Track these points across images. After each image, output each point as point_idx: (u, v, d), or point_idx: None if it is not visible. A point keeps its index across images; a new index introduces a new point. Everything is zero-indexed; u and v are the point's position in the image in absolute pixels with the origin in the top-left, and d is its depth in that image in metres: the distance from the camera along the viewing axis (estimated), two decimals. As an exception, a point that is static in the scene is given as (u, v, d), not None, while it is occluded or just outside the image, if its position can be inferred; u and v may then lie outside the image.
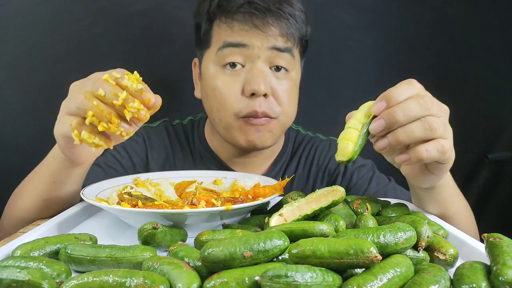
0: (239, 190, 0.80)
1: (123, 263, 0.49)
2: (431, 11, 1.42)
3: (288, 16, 0.91)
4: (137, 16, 1.32)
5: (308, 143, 1.12)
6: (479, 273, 0.43)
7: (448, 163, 0.63)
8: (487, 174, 1.53)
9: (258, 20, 0.89)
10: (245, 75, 0.91)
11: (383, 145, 0.58)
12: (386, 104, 0.57)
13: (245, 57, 0.91)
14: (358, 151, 0.58)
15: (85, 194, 0.69)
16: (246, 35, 0.89)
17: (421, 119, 0.56)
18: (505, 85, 1.48)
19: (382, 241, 0.47)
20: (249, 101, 0.90)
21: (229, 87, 0.91)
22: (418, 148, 0.57)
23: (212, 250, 0.43)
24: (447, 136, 0.59)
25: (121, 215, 0.67)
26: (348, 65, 1.40)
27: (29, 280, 0.41)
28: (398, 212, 0.70)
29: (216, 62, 0.93)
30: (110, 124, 0.58)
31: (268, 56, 0.91)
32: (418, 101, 0.57)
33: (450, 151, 0.60)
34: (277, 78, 0.93)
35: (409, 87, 0.59)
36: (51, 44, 1.29)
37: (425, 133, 0.56)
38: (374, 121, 0.58)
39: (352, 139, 0.58)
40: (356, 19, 1.39)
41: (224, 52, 0.91)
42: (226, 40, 0.91)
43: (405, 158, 0.58)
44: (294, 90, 0.97)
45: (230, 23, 0.91)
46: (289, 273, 0.38)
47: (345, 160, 0.59)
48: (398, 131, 0.56)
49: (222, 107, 0.93)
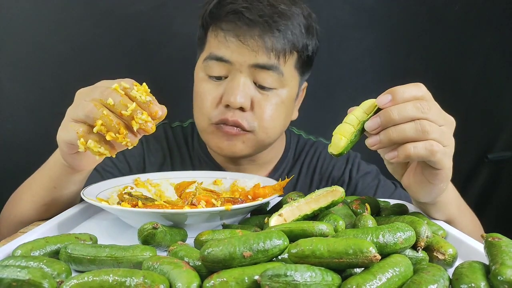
0: (239, 191, 0.80)
1: (123, 263, 0.50)
2: (429, 11, 1.42)
3: (275, 30, 0.86)
4: (138, 17, 1.32)
5: (311, 148, 1.10)
6: (478, 273, 0.43)
7: (443, 170, 0.61)
8: (487, 174, 1.53)
9: (242, 31, 0.86)
10: (225, 86, 0.90)
11: (374, 141, 0.58)
12: (391, 97, 0.58)
13: (227, 70, 0.90)
14: (349, 147, 0.60)
15: (85, 194, 0.69)
16: (230, 48, 0.87)
17: (415, 121, 0.57)
18: (504, 85, 1.48)
19: (381, 241, 0.47)
20: (224, 110, 0.90)
21: (209, 94, 0.91)
22: (406, 145, 0.57)
23: (212, 249, 0.43)
24: (445, 144, 0.59)
25: (121, 215, 0.67)
26: (347, 65, 1.40)
27: (30, 280, 0.41)
28: (398, 213, 0.70)
29: (203, 69, 0.93)
30: (118, 134, 0.59)
31: (251, 72, 0.88)
32: (415, 104, 0.57)
33: (443, 157, 0.59)
34: (262, 94, 0.90)
35: (416, 88, 0.59)
36: (53, 45, 1.30)
37: (417, 134, 0.56)
38: (370, 119, 0.59)
39: (345, 135, 0.59)
40: (355, 19, 1.39)
41: (209, 64, 0.91)
42: (212, 52, 0.90)
43: (393, 155, 0.58)
44: (279, 107, 0.92)
45: (216, 32, 0.90)
46: (288, 273, 0.39)
47: (336, 154, 0.60)
48: (390, 129, 0.57)
49: (199, 111, 0.94)
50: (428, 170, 0.62)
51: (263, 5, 0.86)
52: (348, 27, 1.40)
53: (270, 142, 0.98)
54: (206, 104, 0.91)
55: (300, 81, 0.97)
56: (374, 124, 0.58)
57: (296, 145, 1.11)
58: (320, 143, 1.11)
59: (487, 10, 1.43)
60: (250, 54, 0.86)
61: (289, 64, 0.91)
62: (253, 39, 0.86)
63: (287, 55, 0.89)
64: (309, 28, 0.92)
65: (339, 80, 1.41)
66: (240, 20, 0.86)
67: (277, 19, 0.86)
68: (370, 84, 1.42)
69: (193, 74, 1.07)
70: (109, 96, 0.59)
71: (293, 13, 0.89)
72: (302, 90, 1.03)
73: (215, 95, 0.90)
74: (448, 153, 0.60)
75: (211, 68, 0.90)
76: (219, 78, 0.91)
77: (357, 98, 0.68)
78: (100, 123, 0.58)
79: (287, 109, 0.95)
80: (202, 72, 0.93)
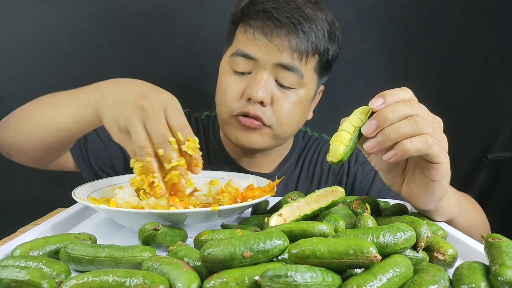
0: (229, 191, 0.80)
1: (122, 264, 0.49)
2: (430, 11, 1.42)
3: (300, 32, 0.90)
4: (139, 16, 1.32)
5: (313, 144, 1.14)
6: (478, 273, 0.43)
7: (442, 164, 0.61)
8: (486, 174, 1.53)
9: (269, 30, 0.90)
10: (248, 80, 0.94)
11: (372, 144, 0.59)
12: (383, 100, 0.60)
13: (252, 66, 0.94)
14: (348, 153, 0.60)
15: (76, 194, 0.69)
16: (256, 45, 0.91)
17: (408, 118, 0.59)
18: (504, 84, 1.48)
19: (381, 241, 0.47)
20: (245, 104, 0.93)
21: (232, 88, 0.95)
22: (403, 141, 0.59)
23: (212, 250, 0.43)
24: (439, 139, 0.61)
25: (113, 215, 0.67)
26: (348, 65, 1.40)
27: (29, 280, 0.41)
28: (398, 213, 0.70)
29: (228, 63, 0.97)
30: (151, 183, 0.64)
31: (273, 70, 0.92)
32: (406, 103, 0.60)
33: (440, 150, 0.60)
34: (282, 91, 0.94)
35: (403, 91, 0.62)
36: (53, 45, 1.30)
37: (412, 129, 0.58)
38: (366, 123, 0.60)
39: (343, 142, 0.59)
40: (356, 19, 1.39)
41: (235, 59, 0.94)
42: (239, 49, 0.94)
43: (391, 154, 0.59)
44: (297, 106, 0.96)
45: (245, 28, 0.94)
46: (288, 273, 0.38)
47: (335, 162, 0.60)
48: (386, 128, 0.58)
49: (221, 103, 0.97)
50: (428, 168, 0.62)
51: (291, 8, 0.91)
52: (348, 27, 1.39)
53: (286, 138, 1.02)
54: (229, 96, 0.95)
55: (317, 83, 1.02)
56: (371, 127, 0.59)
57: (302, 141, 1.15)
58: (322, 139, 1.15)
59: (487, 10, 1.43)
60: (276, 53, 0.91)
61: (309, 66, 0.95)
62: (279, 38, 0.90)
63: (309, 57, 0.93)
64: (331, 34, 0.97)
65: (340, 80, 1.41)
66: (268, 19, 0.90)
67: (302, 22, 0.91)
68: (371, 84, 1.42)
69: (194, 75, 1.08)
70: (162, 147, 0.63)
71: (318, 18, 0.93)
72: (318, 93, 1.07)
73: (238, 88, 0.94)
74: (443, 147, 0.62)
75: (237, 63, 0.94)
76: (243, 73, 0.95)
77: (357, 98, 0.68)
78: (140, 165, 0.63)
79: (304, 108, 0.99)
80: (227, 66, 0.97)
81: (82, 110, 0.76)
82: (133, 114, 0.65)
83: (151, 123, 0.64)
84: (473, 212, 0.87)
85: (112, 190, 0.78)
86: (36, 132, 0.84)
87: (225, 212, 0.65)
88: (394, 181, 0.70)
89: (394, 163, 0.67)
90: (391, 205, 0.75)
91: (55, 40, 1.29)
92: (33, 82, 1.30)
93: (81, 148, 1.02)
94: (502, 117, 1.50)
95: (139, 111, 0.65)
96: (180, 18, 1.32)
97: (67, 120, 0.78)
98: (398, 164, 0.68)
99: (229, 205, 0.65)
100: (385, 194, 1.02)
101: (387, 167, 0.69)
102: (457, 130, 1.58)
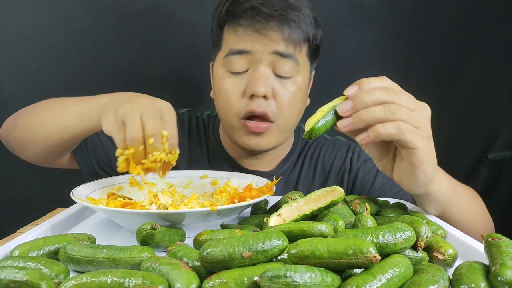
0: (228, 191, 0.80)
1: (121, 264, 0.49)
2: (429, 10, 1.42)
3: (291, 22, 0.92)
4: (138, 15, 1.32)
5: (314, 142, 1.14)
6: (478, 273, 0.43)
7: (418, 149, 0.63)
8: (486, 174, 1.53)
9: (261, 25, 0.91)
10: (247, 78, 0.94)
11: (346, 123, 0.62)
12: (358, 87, 0.63)
13: (249, 62, 0.93)
14: (321, 128, 0.63)
15: (75, 194, 0.69)
16: (250, 40, 0.92)
17: (383, 104, 0.61)
18: (503, 83, 1.48)
19: (381, 241, 0.47)
20: (249, 102, 0.93)
21: (232, 89, 0.95)
22: (376, 125, 0.62)
23: (211, 250, 0.43)
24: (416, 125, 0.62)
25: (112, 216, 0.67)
26: (346, 63, 1.40)
27: (28, 281, 0.41)
28: (397, 212, 0.70)
29: (223, 66, 0.96)
30: None
31: (271, 60, 0.93)
32: (383, 90, 0.63)
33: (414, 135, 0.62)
34: (280, 82, 0.95)
35: (380, 80, 0.65)
36: (53, 44, 1.30)
37: (385, 115, 0.61)
38: (342, 102, 0.63)
39: (315, 117, 0.63)
40: (354, 18, 1.39)
41: (230, 59, 0.94)
42: (232, 47, 0.94)
43: (364, 136, 0.63)
44: (297, 95, 0.97)
45: (235, 28, 0.94)
46: (288, 274, 0.38)
47: (306, 132, 0.63)
48: (361, 111, 0.62)
49: (226, 107, 0.97)
50: (404, 152, 0.65)
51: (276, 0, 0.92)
52: (347, 26, 1.40)
53: (290, 130, 1.03)
54: (232, 98, 0.95)
55: (310, 69, 1.03)
56: (347, 106, 0.62)
57: (302, 139, 1.15)
58: (322, 137, 1.15)
59: (486, 9, 1.43)
60: (270, 43, 0.91)
61: (302, 53, 0.97)
62: (272, 30, 0.91)
63: (302, 44, 0.95)
64: (315, 19, 0.98)
65: (339, 79, 1.40)
66: (258, 15, 0.91)
67: (290, 12, 0.92)
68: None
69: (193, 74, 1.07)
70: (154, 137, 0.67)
71: (302, 6, 0.95)
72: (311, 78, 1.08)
73: (239, 88, 0.94)
74: (421, 134, 0.64)
75: (232, 63, 0.94)
76: (240, 72, 0.95)
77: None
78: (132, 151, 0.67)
79: (303, 96, 1.01)
80: (222, 69, 0.97)
81: (88, 110, 0.80)
82: (134, 107, 0.69)
83: (149, 116, 0.68)
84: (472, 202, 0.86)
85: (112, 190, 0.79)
86: (42, 129, 0.87)
87: (224, 212, 0.65)
88: (385, 167, 0.73)
89: (384, 150, 0.71)
90: (391, 205, 0.75)
91: (54, 39, 1.29)
92: (32, 81, 1.30)
93: (81, 146, 1.03)
94: (502, 116, 1.50)
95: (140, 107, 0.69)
96: (179, 17, 1.31)
97: (72, 118, 0.82)
98: (388, 150, 0.71)
99: (228, 205, 0.65)
100: (387, 191, 1.02)
101: (378, 153, 0.72)
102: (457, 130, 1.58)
